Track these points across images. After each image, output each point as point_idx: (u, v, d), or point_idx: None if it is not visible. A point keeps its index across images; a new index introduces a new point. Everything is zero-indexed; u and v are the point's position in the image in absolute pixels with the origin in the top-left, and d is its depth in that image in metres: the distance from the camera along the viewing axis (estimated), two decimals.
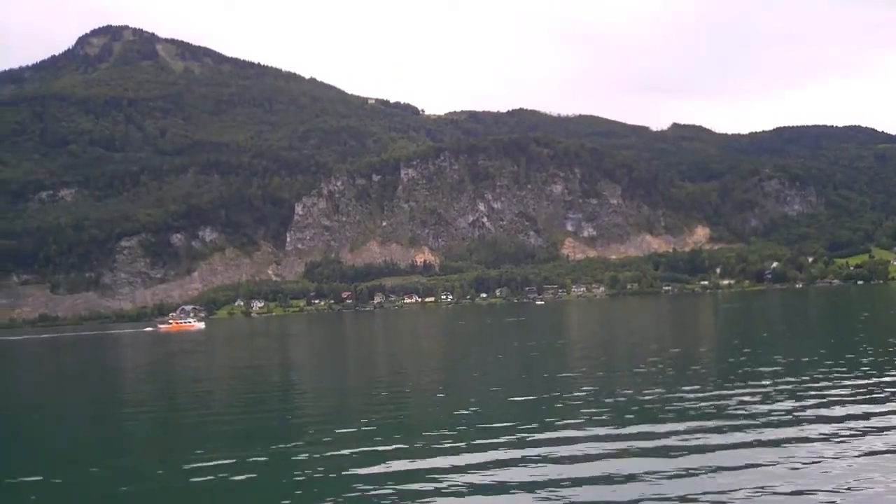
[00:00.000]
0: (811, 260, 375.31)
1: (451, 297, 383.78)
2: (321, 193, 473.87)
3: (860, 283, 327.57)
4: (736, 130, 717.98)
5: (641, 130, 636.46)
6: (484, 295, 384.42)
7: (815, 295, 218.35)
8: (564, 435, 26.04)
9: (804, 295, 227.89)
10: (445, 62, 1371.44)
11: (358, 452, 25.04)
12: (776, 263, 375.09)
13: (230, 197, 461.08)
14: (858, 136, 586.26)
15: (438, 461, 23.23)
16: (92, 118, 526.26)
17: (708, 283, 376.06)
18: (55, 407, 46.72)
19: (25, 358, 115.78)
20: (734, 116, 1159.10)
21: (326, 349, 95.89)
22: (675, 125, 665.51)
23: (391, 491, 20.35)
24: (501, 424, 28.33)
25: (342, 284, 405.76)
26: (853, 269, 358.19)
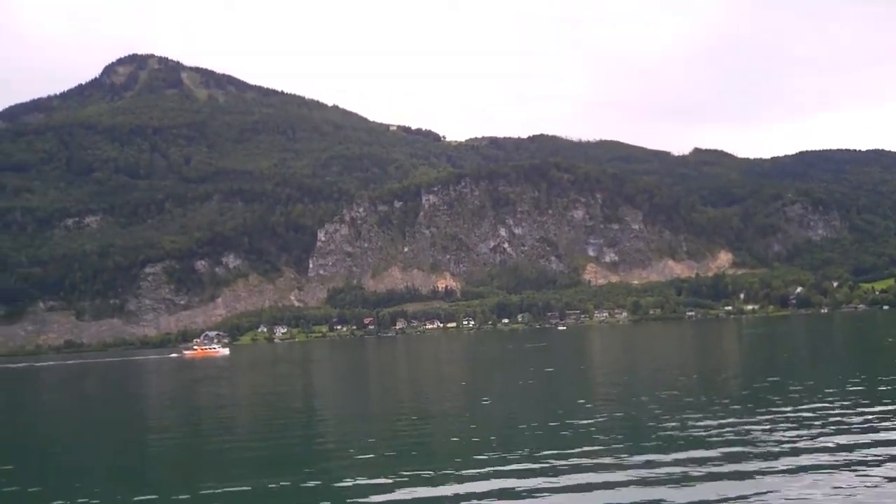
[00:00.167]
0: (836, 285, 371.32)
1: (472, 322, 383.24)
2: (343, 220, 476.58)
3: (886, 307, 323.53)
4: (758, 155, 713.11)
5: (663, 155, 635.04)
6: (506, 320, 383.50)
7: (840, 320, 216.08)
8: (582, 462, 26.29)
9: (829, 320, 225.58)
10: (467, 89, 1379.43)
11: (379, 479, 25.41)
12: (800, 288, 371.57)
13: (253, 224, 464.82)
14: (882, 159, 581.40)
15: (459, 488, 23.58)
16: (117, 146, 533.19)
17: (732, 308, 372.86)
18: (80, 433, 47.38)
19: (51, 384, 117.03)
20: (756, 141, 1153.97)
21: (349, 375, 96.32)
22: (696, 150, 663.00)
23: None
24: (521, 452, 28.61)
25: (364, 310, 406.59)
26: (879, 293, 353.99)
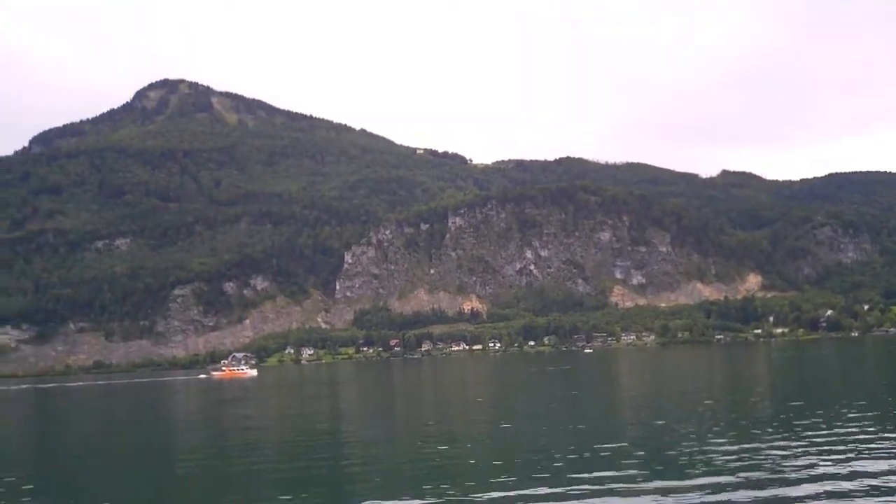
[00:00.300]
0: (867, 308, 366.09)
1: (498, 344, 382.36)
2: (370, 242, 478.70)
3: None
4: (787, 177, 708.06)
5: (690, 178, 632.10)
6: (532, 343, 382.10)
7: (871, 344, 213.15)
8: (602, 487, 26.57)
9: (860, 344, 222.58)
10: (493, 111, 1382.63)
11: (403, 501, 25.83)
12: (830, 312, 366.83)
13: (281, 246, 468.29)
14: None
15: None
16: (148, 169, 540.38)
17: (761, 331, 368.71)
18: (109, 453, 48.17)
19: (81, 404, 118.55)
20: (785, 163, 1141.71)
21: (374, 397, 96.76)
22: (724, 172, 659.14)
23: None
24: (543, 475, 28.92)
25: (390, 332, 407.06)
26: None
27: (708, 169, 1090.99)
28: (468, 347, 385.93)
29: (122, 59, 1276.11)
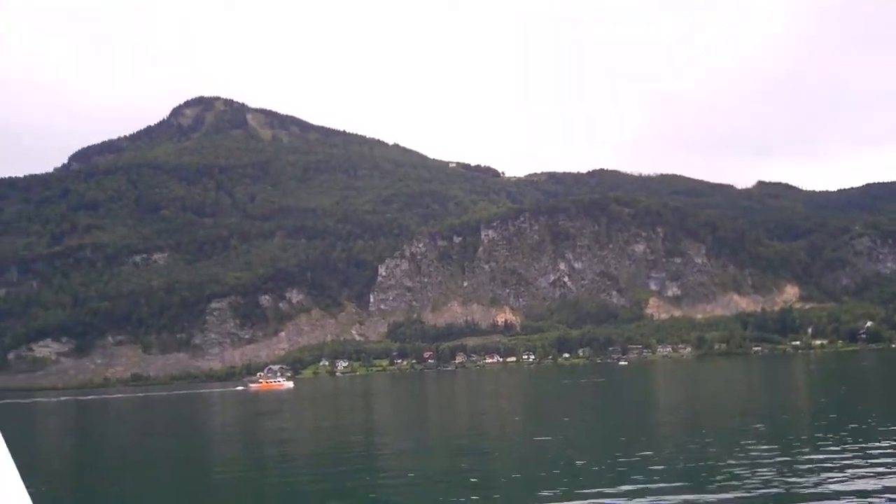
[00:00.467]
0: None
1: (532, 357, 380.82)
2: (404, 255, 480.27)
3: None
4: (823, 187, 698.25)
5: (726, 189, 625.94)
6: (566, 355, 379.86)
7: None
8: (631, 502, 26.53)
9: None
10: (525, 124, 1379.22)
11: None
12: (870, 323, 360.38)
13: (316, 260, 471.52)
14: None
15: None
16: (184, 185, 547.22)
17: (799, 343, 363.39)
18: (146, 465, 48.85)
19: (120, 416, 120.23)
20: (821, 173, 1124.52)
21: (408, 409, 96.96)
22: (760, 183, 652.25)
23: None
24: (576, 490, 28.92)
25: (424, 344, 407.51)
26: None
27: (743, 180, 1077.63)
28: (502, 360, 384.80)
29: (158, 78, 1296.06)
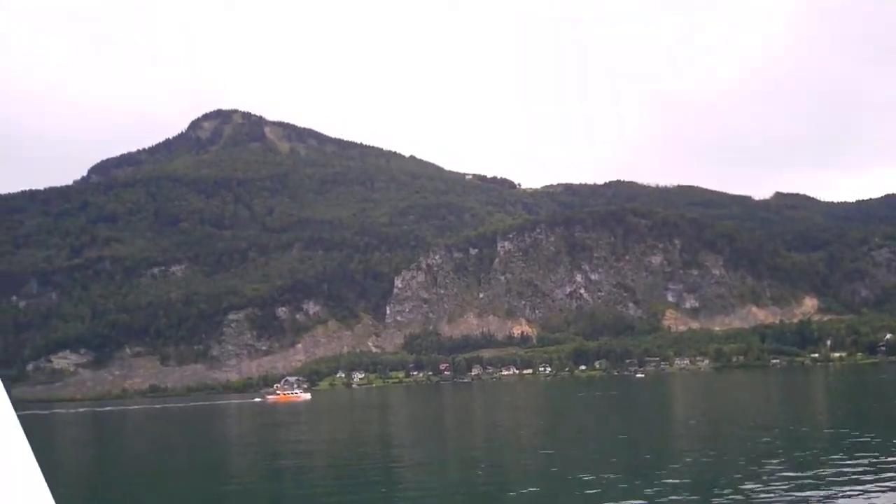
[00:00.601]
0: None
1: (549, 369, 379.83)
2: (420, 267, 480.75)
3: None
4: (842, 198, 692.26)
5: (743, 200, 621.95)
6: (583, 367, 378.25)
7: None
8: None
9: None
10: (542, 136, 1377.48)
11: None
12: (890, 335, 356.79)
13: (333, 272, 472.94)
14: None
15: None
16: (202, 198, 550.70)
17: (818, 355, 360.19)
18: (163, 475, 49.48)
19: (138, 427, 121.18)
20: (840, 185, 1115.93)
21: (424, 421, 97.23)
22: (778, 194, 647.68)
23: None
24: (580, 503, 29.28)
25: (440, 356, 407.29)
26: None
27: (761, 191, 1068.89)
28: (518, 371, 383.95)
29: (177, 91, 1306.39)
